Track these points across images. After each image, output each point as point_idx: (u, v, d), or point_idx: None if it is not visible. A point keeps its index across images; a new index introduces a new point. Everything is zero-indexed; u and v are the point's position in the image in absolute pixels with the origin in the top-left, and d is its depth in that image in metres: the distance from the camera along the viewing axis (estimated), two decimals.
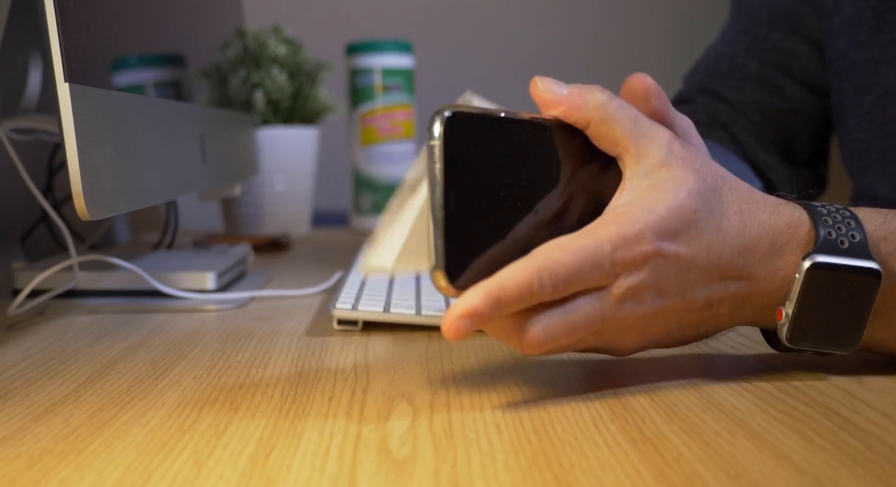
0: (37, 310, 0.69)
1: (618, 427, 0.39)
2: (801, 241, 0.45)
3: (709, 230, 0.43)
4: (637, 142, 0.44)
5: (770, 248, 0.44)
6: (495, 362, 0.51)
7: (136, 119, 0.61)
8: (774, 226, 0.45)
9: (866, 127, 0.77)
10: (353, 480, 0.33)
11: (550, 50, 1.96)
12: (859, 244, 0.44)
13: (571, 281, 0.41)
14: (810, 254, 0.44)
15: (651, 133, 0.44)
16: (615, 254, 0.41)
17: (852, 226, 0.45)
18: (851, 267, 0.44)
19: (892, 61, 0.73)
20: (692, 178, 0.43)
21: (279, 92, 1.20)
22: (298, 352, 0.54)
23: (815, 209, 0.45)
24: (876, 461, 0.35)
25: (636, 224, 0.42)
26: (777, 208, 0.45)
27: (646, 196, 0.43)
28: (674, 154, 0.44)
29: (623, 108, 0.44)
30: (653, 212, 0.42)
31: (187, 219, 1.28)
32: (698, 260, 0.43)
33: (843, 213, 0.45)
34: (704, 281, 0.44)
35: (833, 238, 0.44)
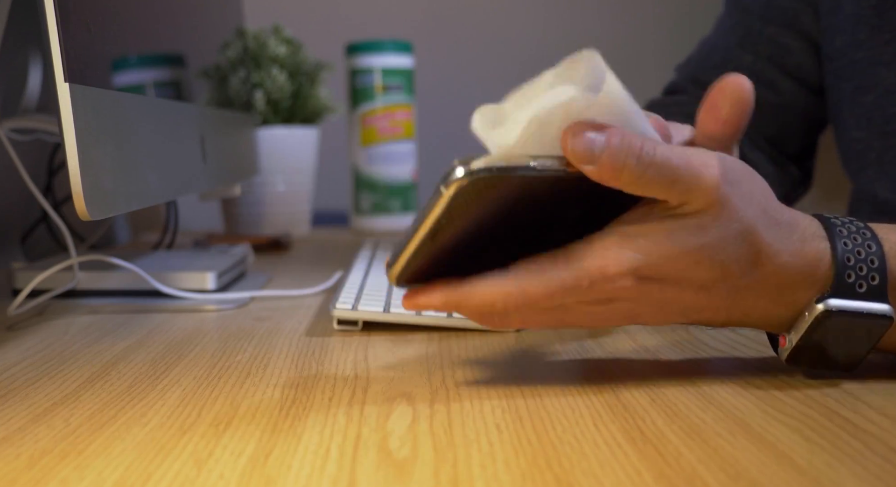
0: (37, 310, 0.69)
1: (618, 428, 0.39)
2: (819, 278, 0.43)
3: (708, 275, 0.42)
4: (677, 196, 0.41)
5: (778, 287, 0.43)
6: (495, 362, 0.51)
7: (136, 119, 0.61)
8: (793, 267, 0.43)
9: (865, 126, 0.77)
10: (353, 480, 0.33)
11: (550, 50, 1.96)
12: (878, 286, 0.43)
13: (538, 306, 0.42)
14: (825, 298, 0.43)
15: (694, 183, 0.40)
16: (592, 287, 0.41)
17: (874, 266, 0.43)
18: (864, 312, 0.43)
19: (892, 61, 0.73)
20: (716, 228, 0.41)
21: (279, 92, 1.20)
22: (298, 352, 0.54)
23: (839, 242, 0.43)
24: (876, 461, 0.35)
25: (622, 264, 0.41)
26: (802, 247, 0.43)
27: (650, 237, 0.41)
28: (718, 201, 0.40)
29: (662, 169, 0.40)
30: (646, 257, 0.41)
31: (187, 219, 1.28)
32: (685, 297, 0.42)
33: (869, 248, 0.43)
34: (689, 311, 0.43)
35: (852, 280, 0.43)
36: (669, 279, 0.42)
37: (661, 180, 0.40)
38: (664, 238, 0.41)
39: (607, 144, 0.39)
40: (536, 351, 0.54)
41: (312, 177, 1.29)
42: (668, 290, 0.42)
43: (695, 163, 0.40)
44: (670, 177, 0.40)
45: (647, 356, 0.52)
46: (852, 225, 0.44)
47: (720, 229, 0.41)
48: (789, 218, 0.44)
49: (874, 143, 0.77)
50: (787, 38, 0.84)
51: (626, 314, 0.43)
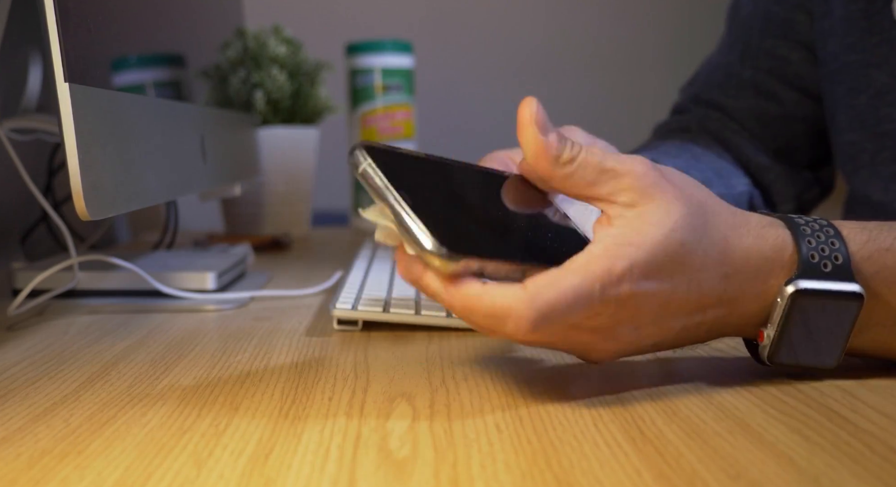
0: (37, 310, 0.69)
1: (618, 427, 0.39)
2: (785, 264, 0.44)
3: (693, 262, 0.43)
4: (608, 185, 0.43)
5: (753, 273, 0.44)
6: (495, 362, 0.51)
7: (136, 119, 0.61)
8: (760, 250, 0.44)
9: (858, 128, 0.77)
10: (353, 480, 0.33)
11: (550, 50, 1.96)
12: (842, 266, 0.44)
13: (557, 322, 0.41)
14: (793, 280, 0.44)
15: (623, 169, 0.42)
16: (604, 293, 0.41)
17: (836, 247, 0.44)
18: (834, 291, 0.44)
19: (883, 62, 0.74)
20: (677, 208, 0.42)
21: (279, 92, 1.20)
22: (298, 352, 0.54)
23: (798, 229, 0.45)
24: (876, 461, 0.35)
25: (623, 260, 0.41)
26: (761, 231, 0.44)
27: (633, 228, 0.42)
28: (654, 185, 0.42)
29: (590, 157, 0.43)
30: (641, 247, 0.41)
31: (187, 219, 1.27)
32: (678, 292, 0.43)
33: (828, 232, 0.45)
34: (684, 311, 0.44)
35: (816, 261, 0.44)
36: (665, 271, 0.42)
37: (590, 168, 0.42)
38: (644, 224, 0.42)
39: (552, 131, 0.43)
40: (536, 352, 0.54)
41: (312, 177, 1.29)
42: (665, 286, 0.42)
43: (618, 157, 0.43)
44: (597, 166, 0.43)
45: (648, 356, 0.52)
46: (805, 216, 0.46)
47: (680, 212, 0.42)
48: (736, 211, 0.45)
49: (867, 145, 0.77)
50: (786, 49, 0.84)
51: (630, 324, 0.43)
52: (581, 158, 0.43)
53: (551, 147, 0.43)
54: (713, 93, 0.89)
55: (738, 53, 0.88)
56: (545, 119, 0.43)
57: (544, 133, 0.43)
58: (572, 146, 0.43)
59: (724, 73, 0.89)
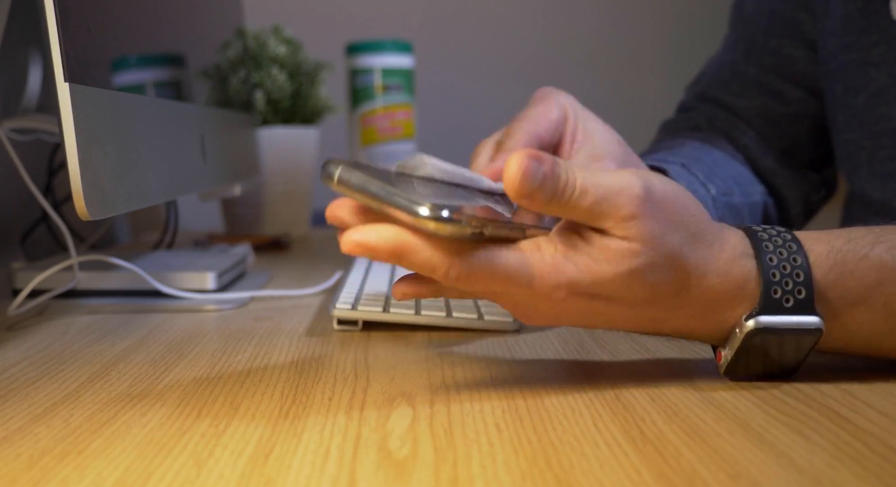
0: (37, 310, 0.69)
1: (618, 427, 0.39)
2: (747, 296, 0.44)
3: (637, 297, 0.43)
4: (596, 222, 0.42)
5: (706, 307, 0.44)
6: (495, 362, 0.51)
7: (136, 119, 0.61)
8: (721, 288, 0.44)
9: (856, 127, 0.77)
10: (353, 480, 0.33)
11: (550, 50, 1.96)
12: (805, 300, 0.44)
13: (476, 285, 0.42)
14: (754, 315, 0.44)
15: (610, 211, 0.42)
16: (532, 285, 0.42)
17: (800, 280, 0.44)
18: (793, 327, 0.44)
19: (881, 61, 0.74)
20: (644, 253, 0.42)
21: (279, 92, 1.20)
22: (298, 352, 0.54)
23: (764, 257, 0.44)
24: (876, 461, 0.35)
25: (561, 276, 0.42)
26: (729, 267, 0.44)
27: (590, 255, 0.42)
28: (637, 228, 0.42)
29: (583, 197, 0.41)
30: (582, 273, 0.42)
31: (187, 219, 1.27)
32: (612, 311, 0.44)
33: (794, 261, 0.44)
34: (616, 324, 0.45)
35: (778, 296, 0.44)
36: (601, 297, 0.43)
37: (578, 208, 0.42)
38: (601, 257, 0.42)
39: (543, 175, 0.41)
40: (536, 352, 0.54)
41: (312, 177, 1.29)
42: (597, 304, 0.44)
43: (613, 191, 0.42)
44: (588, 206, 0.41)
45: (647, 356, 0.52)
46: (779, 237, 0.45)
47: (649, 255, 0.42)
48: (719, 237, 0.45)
49: (865, 144, 0.77)
50: (790, 48, 0.84)
51: (546, 316, 0.45)
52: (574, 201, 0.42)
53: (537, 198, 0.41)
54: (719, 91, 0.89)
55: (742, 52, 0.87)
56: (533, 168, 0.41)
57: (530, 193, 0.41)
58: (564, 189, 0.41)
59: (729, 72, 0.88)
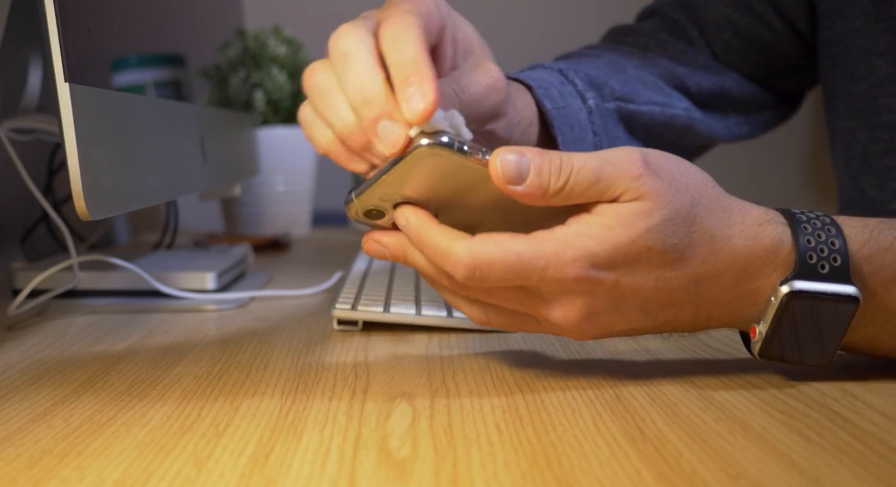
0: (37, 310, 0.68)
1: (618, 427, 0.39)
2: (781, 263, 0.43)
3: (662, 260, 0.42)
4: (604, 194, 0.42)
5: (739, 274, 0.43)
6: (495, 362, 0.51)
7: (136, 119, 0.61)
8: (750, 252, 0.43)
9: (855, 116, 0.76)
10: (353, 480, 0.33)
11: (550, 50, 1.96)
12: (841, 268, 0.43)
13: (489, 279, 0.42)
14: (789, 280, 0.43)
15: (618, 175, 0.41)
16: (545, 272, 0.41)
17: (835, 247, 0.43)
18: (830, 294, 0.43)
19: (887, 51, 0.73)
20: (659, 211, 0.41)
21: (279, 92, 1.20)
22: (298, 352, 0.54)
23: (799, 226, 0.44)
24: (876, 461, 0.35)
25: (578, 250, 0.41)
26: (757, 231, 0.43)
27: (603, 223, 0.42)
28: (646, 185, 0.41)
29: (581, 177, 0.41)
30: (600, 243, 0.41)
31: (187, 219, 1.27)
32: (642, 287, 0.43)
33: (829, 231, 0.44)
34: (649, 307, 0.44)
35: (814, 262, 0.43)
36: (624, 267, 0.42)
37: (582, 187, 0.41)
38: (615, 223, 0.41)
39: (531, 165, 0.41)
40: (536, 351, 0.54)
41: (312, 177, 1.29)
42: (624, 281, 0.42)
43: (612, 160, 0.42)
44: (590, 180, 0.41)
45: (647, 356, 0.52)
46: (810, 212, 0.45)
47: (663, 212, 0.41)
48: (737, 205, 0.44)
49: (861, 134, 0.76)
50: None
51: (584, 309, 0.43)
52: (571, 182, 0.41)
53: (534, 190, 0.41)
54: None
55: None
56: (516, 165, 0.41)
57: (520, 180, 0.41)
58: (559, 174, 0.41)
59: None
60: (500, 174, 0.41)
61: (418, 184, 0.43)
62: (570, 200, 0.42)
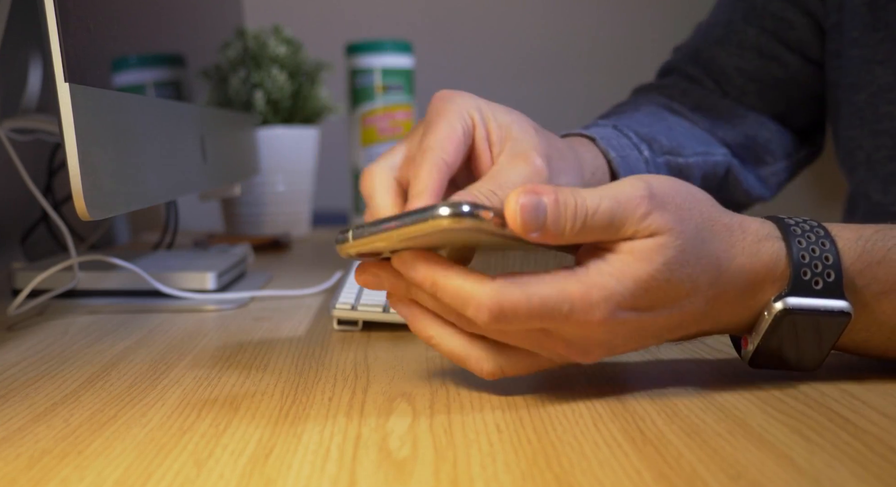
0: (37, 310, 0.69)
1: (618, 428, 0.39)
2: (777, 278, 0.44)
3: (679, 291, 0.42)
4: (617, 233, 0.42)
5: (742, 291, 0.44)
6: None
7: (136, 119, 0.61)
8: (751, 269, 0.43)
9: (857, 125, 0.77)
10: (353, 480, 0.33)
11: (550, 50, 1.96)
12: (834, 283, 0.43)
13: (514, 323, 0.41)
14: (783, 297, 0.43)
15: (627, 215, 0.41)
16: (572, 315, 0.41)
17: (829, 263, 0.44)
18: (821, 310, 0.43)
19: (886, 59, 0.73)
20: (672, 243, 0.41)
21: (279, 92, 1.20)
22: (298, 352, 0.54)
23: (793, 240, 0.44)
24: (876, 461, 0.35)
25: (602, 291, 0.41)
26: (756, 248, 0.44)
27: (621, 260, 0.41)
28: (655, 222, 0.41)
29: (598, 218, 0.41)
30: (622, 282, 0.41)
31: (187, 219, 1.28)
32: (660, 320, 0.43)
33: (823, 245, 0.44)
34: (664, 332, 0.44)
35: (808, 278, 0.43)
36: (645, 306, 0.42)
37: (597, 232, 0.41)
38: (632, 259, 0.41)
39: (547, 210, 0.40)
40: None
41: (312, 177, 1.29)
42: (646, 317, 0.42)
43: (621, 199, 0.41)
44: (605, 223, 0.41)
45: (648, 356, 0.52)
46: (805, 223, 0.45)
47: (676, 243, 0.41)
48: (739, 222, 0.44)
49: (864, 142, 0.76)
50: (790, 13, 0.82)
51: (602, 345, 0.43)
52: (588, 227, 0.41)
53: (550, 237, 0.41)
54: (713, 50, 0.85)
55: (742, 13, 0.85)
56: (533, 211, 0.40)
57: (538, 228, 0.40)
58: (575, 218, 0.41)
59: (725, 31, 0.85)
60: (518, 223, 0.40)
61: (428, 242, 0.41)
62: (584, 241, 0.42)
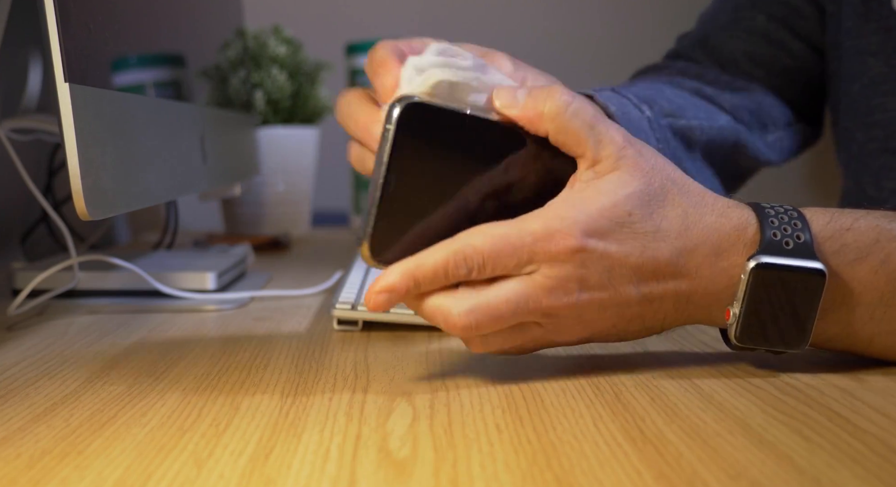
0: (37, 310, 0.68)
1: (618, 427, 0.39)
2: (748, 243, 0.46)
3: (645, 231, 0.45)
4: (593, 148, 0.45)
5: (713, 249, 0.45)
6: (495, 362, 0.51)
7: (136, 119, 0.61)
8: (720, 228, 0.46)
9: (851, 116, 0.77)
10: (353, 480, 0.33)
11: (550, 50, 1.96)
12: (804, 244, 0.45)
13: (487, 266, 0.44)
14: (755, 255, 0.45)
15: (606, 138, 0.45)
16: (536, 246, 0.43)
17: (798, 227, 0.46)
18: (795, 267, 0.45)
19: (879, 51, 0.73)
20: (636, 181, 0.45)
21: (279, 92, 1.20)
22: (298, 352, 0.54)
23: (763, 211, 0.46)
24: (876, 461, 0.35)
25: (564, 220, 0.44)
26: (725, 211, 0.46)
27: (584, 195, 0.45)
28: (626, 157, 0.45)
29: (579, 114, 0.45)
30: (584, 210, 0.44)
31: (187, 219, 1.27)
32: (630, 258, 0.45)
33: (791, 214, 0.46)
34: (638, 279, 0.45)
35: (778, 239, 0.45)
36: (610, 234, 0.44)
37: (578, 124, 0.45)
38: (595, 192, 0.44)
39: (528, 90, 0.45)
40: (536, 352, 0.54)
41: (312, 177, 1.29)
42: (612, 249, 0.44)
43: (599, 125, 0.45)
44: (588, 123, 0.45)
45: (648, 355, 0.52)
46: (767, 203, 0.48)
47: (640, 183, 0.45)
48: (705, 191, 0.47)
49: (857, 134, 0.76)
50: (798, 1, 0.82)
51: (577, 281, 0.44)
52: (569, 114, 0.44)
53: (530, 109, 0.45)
54: (719, 35, 0.84)
55: None
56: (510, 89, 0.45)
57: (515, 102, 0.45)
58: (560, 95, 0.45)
59: (732, 17, 0.84)
60: (494, 97, 0.45)
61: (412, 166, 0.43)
62: (568, 130, 0.45)
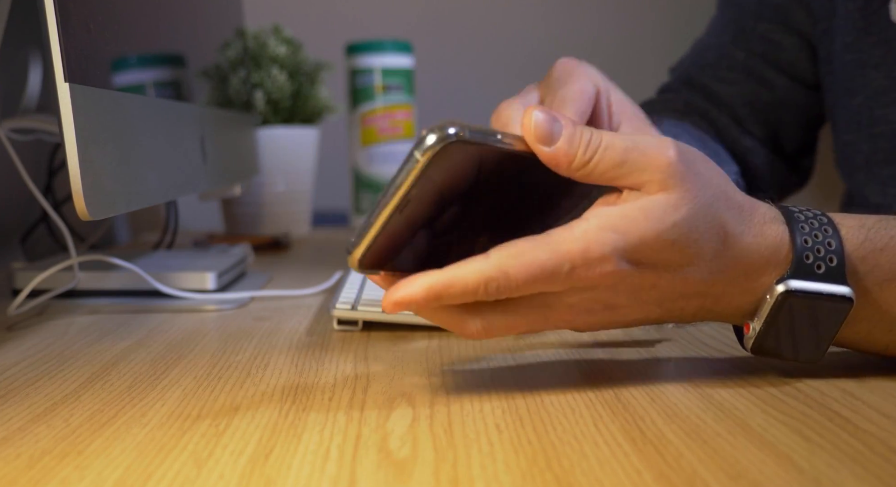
0: (37, 310, 0.68)
1: (618, 428, 0.39)
2: (780, 263, 0.44)
3: (683, 257, 0.42)
4: (631, 182, 0.42)
5: (745, 271, 0.44)
6: (495, 362, 0.51)
7: (136, 119, 0.61)
8: (756, 249, 0.43)
9: (854, 129, 0.77)
10: (353, 480, 0.33)
11: (550, 50, 1.96)
12: (836, 269, 0.44)
13: (518, 292, 0.41)
14: (785, 280, 0.43)
15: (644, 162, 0.41)
16: (573, 273, 0.41)
17: (832, 248, 0.44)
18: (824, 294, 0.43)
19: (880, 63, 0.73)
20: (686, 205, 0.41)
21: (279, 92, 1.20)
22: (298, 352, 0.54)
23: (796, 226, 0.44)
24: (876, 461, 0.35)
25: (604, 246, 0.41)
26: (763, 229, 0.44)
27: (627, 213, 0.41)
28: (674, 176, 0.41)
29: (608, 154, 0.41)
30: (625, 235, 0.41)
31: (187, 219, 1.28)
32: (662, 282, 0.43)
33: (826, 231, 0.44)
34: (665, 298, 0.44)
35: (810, 262, 0.43)
36: (648, 262, 0.42)
37: (606, 165, 0.41)
38: (641, 216, 0.41)
39: (564, 130, 0.42)
40: (536, 352, 0.54)
41: (312, 177, 1.29)
42: (647, 274, 0.42)
43: (642, 146, 0.42)
44: (616, 160, 0.41)
45: (647, 356, 0.52)
46: (808, 211, 0.45)
47: (689, 207, 0.41)
48: (749, 202, 0.45)
49: (862, 146, 0.77)
50: (779, 34, 0.84)
51: (604, 304, 0.43)
52: (597, 158, 0.41)
53: (561, 156, 0.41)
54: (704, 74, 0.87)
55: (730, 35, 0.87)
56: (549, 124, 0.41)
57: (551, 141, 0.41)
58: (587, 147, 0.41)
59: (716, 54, 0.87)
60: (532, 129, 0.41)
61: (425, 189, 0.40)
62: (592, 178, 0.42)
